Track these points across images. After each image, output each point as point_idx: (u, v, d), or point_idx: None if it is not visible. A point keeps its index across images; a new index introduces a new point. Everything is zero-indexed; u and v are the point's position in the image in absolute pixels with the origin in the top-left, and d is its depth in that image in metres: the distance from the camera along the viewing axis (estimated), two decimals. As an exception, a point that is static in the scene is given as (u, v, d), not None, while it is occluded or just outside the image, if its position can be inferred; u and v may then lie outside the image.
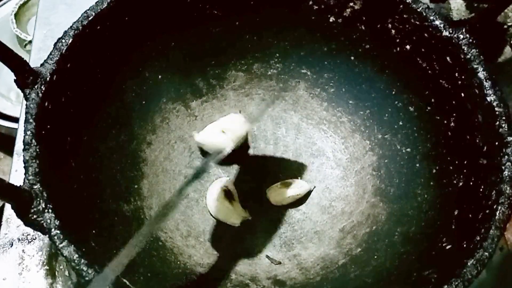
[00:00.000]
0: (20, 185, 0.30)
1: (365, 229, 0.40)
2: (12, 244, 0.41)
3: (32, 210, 0.29)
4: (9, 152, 0.56)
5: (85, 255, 0.29)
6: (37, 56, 0.51)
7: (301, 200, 0.42)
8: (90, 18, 0.36)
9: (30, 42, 0.58)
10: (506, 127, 0.33)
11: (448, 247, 0.33)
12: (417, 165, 0.40)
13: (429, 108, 0.39)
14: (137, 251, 0.28)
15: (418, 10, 0.37)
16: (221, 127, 0.42)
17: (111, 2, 0.37)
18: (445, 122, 0.38)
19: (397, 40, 0.39)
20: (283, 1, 0.42)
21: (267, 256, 0.40)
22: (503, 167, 0.32)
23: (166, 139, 0.44)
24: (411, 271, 0.34)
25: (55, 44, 0.34)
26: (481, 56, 0.35)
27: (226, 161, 0.44)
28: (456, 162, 0.36)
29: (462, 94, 0.36)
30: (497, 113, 0.33)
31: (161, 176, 0.42)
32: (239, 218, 0.40)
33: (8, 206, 0.42)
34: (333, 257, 0.39)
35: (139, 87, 0.42)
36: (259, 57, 0.45)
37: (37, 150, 0.31)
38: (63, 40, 0.35)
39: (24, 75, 0.33)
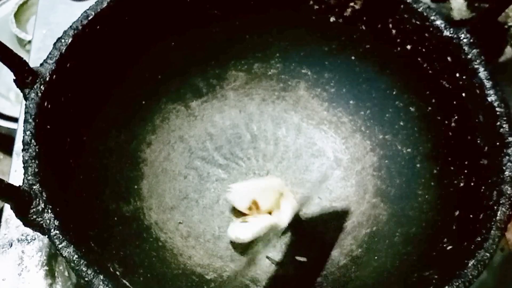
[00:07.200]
0: (20, 185, 0.30)
1: (365, 229, 0.39)
2: (11, 245, 0.41)
3: (32, 211, 0.29)
4: (9, 152, 0.56)
5: (84, 256, 0.29)
6: (37, 56, 0.51)
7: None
8: (90, 18, 0.36)
9: (30, 41, 0.58)
10: (507, 127, 0.33)
11: (449, 247, 0.33)
12: (418, 165, 0.40)
13: (429, 108, 0.39)
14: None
15: (419, 10, 0.37)
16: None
17: (111, 1, 0.36)
18: (446, 122, 0.38)
19: (398, 40, 0.39)
20: (283, 1, 0.42)
21: (267, 257, 0.40)
22: (504, 168, 0.32)
23: (166, 139, 0.44)
24: (412, 271, 0.34)
25: (55, 43, 0.34)
26: (482, 56, 0.35)
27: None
28: (457, 162, 0.36)
29: (463, 94, 0.36)
30: (498, 113, 0.33)
31: (161, 176, 0.42)
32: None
33: (7, 207, 0.42)
34: (334, 258, 0.39)
35: (139, 87, 0.42)
36: (259, 57, 0.45)
37: (37, 150, 0.31)
38: (63, 40, 0.34)
39: (24, 75, 0.32)
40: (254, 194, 0.40)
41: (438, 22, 0.36)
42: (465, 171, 0.35)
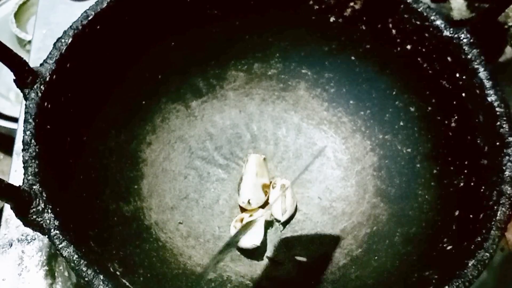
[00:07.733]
0: (20, 185, 0.30)
1: (365, 229, 0.39)
2: (11, 245, 0.41)
3: (32, 211, 0.29)
4: (9, 152, 0.56)
5: (84, 256, 0.29)
6: (37, 56, 0.51)
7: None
8: (89, 18, 0.36)
9: (30, 41, 0.58)
10: (507, 127, 0.33)
11: (449, 247, 0.33)
12: (418, 165, 0.40)
13: (430, 108, 0.39)
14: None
15: (419, 10, 0.37)
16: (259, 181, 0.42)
17: (111, 1, 0.36)
18: (446, 122, 0.38)
19: (398, 40, 0.39)
20: (283, 1, 0.42)
21: (267, 257, 0.40)
22: (504, 168, 0.32)
23: (166, 139, 0.44)
24: (412, 271, 0.34)
25: (55, 43, 0.34)
26: (482, 56, 0.35)
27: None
28: (457, 162, 0.36)
29: (463, 94, 0.36)
30: (498, 113, 0.33)
31: (161, 176, 0.42)
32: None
33: (7, 207, 0.42)
34: (334, 258, 0.39)
35: (139, 87, 0.42)
36: (259, 57, 0.45)
37: (37, 150, 0.31)
38: (63, 40, 0.34)
39: (24, 75, 0.32)
40: (258, 182, 0.41)
41: (438, 22, 0.36)
42: (465, 171, 0.35)
